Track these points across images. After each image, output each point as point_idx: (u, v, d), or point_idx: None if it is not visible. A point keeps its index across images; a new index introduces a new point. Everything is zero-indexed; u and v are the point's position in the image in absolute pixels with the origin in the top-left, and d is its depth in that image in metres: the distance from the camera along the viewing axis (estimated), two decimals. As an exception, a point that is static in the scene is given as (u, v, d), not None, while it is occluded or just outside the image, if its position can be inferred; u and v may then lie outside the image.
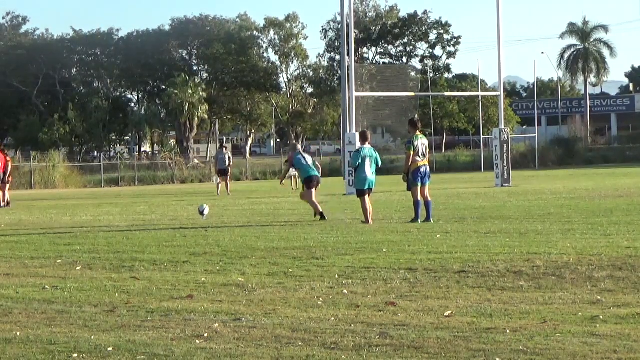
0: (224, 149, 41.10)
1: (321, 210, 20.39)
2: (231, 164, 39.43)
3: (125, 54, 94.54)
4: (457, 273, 10.74)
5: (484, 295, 9.17)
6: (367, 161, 19.16)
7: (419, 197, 18.86)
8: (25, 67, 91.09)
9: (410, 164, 18.83)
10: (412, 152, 18.78)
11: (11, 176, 33.52)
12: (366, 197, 19.07)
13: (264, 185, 54.28)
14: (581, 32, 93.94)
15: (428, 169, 19.15)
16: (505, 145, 38.56)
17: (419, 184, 18.87)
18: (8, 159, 33.35)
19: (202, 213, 21.91)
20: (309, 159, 21.40)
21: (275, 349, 6.96)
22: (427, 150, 19.18)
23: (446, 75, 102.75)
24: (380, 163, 19.69)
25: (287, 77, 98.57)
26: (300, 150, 22.24)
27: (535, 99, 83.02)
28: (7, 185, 32.31)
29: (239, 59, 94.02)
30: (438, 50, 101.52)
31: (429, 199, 19.05)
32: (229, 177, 39.11)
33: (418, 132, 19.16)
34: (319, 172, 21.21)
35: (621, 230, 15.28)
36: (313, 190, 20.85)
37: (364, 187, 19.15)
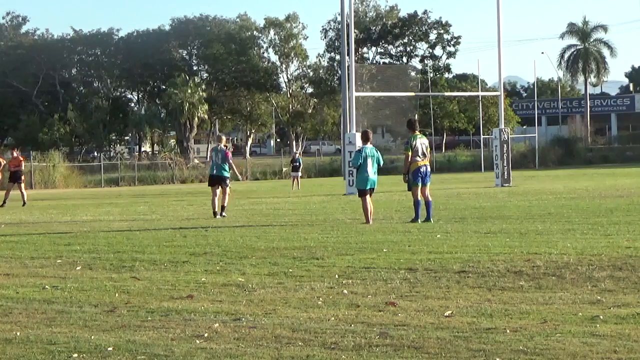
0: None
1: (215, 211, 22.42)
2: None
3: (125, 54, 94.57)
4: (457, 273, 10.74)
5: (484, 295, 9.17)
6: (369, 161, 19.15)
7: (419, 197, 18.87)
8: (25, 67, 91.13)
9: (410, 164, 18.85)
10: (410, 153, 18.78)
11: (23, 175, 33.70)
12: (367, 197, 19.09)
13: (264, 185, 54.28)
14: (581, 32, 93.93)
15: (429, 169, 19.14)
16: (505, 145, 38.56)
17: (420, 184, 18.88)
18: (21, 158, 33.71)
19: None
20: (220, 157, 22.90)
21: (275, 349, 6.96)
22: (428, 149, 19.16)
23: (446, 75, 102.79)
24: (382, 163, 19.71)
25: (287, 77, 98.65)
26: (220, 146, 23.22)
27: (535, 99, 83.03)
28: (22, 184, 32.62)
29: (239, 59, 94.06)
30: (438, 50, 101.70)
31: (430, 198, 19.05)
32: None
33: (417, 132, 19.19)
34: (224, 172, 22.89)
35: (621, 230, 15.27)
36: (214, 188, 22.82)
37: (366, 187, 19.15)
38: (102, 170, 65.60)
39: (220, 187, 22.78)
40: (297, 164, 46.20)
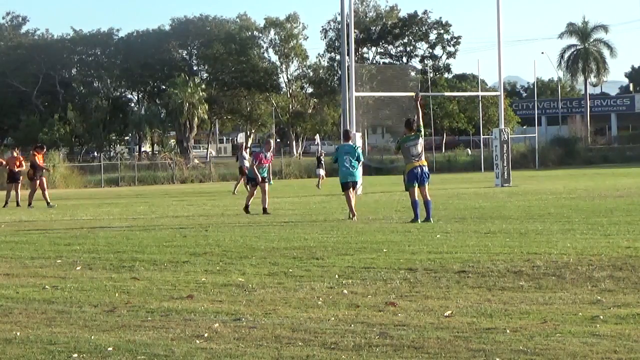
0: (246, 150, 42.00)
1: (248, 204, 23.46)
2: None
3: (125, 54, 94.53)
4: (457, 273, 10.74)
5: (484, 295, 9.17)
6: (346, 157, 20.44)
7: (417, 197, 18.87)
8: (25, 67, 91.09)
9: (405, 165, 19.23)
10: (397, 151, 19.86)
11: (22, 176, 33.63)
12: (350, 191, 20.25)
13: (264, 185, 54.18)
14: (581, 32, 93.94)
15: (425, 169, 19.12)
16: (505, 145, 38.56)
17: (415, 185, 18.90)
18: (21, 158, 33.87)
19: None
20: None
21: (275, 349, 6.96)
22: (422, 150, 19.10)
23: (446, 75, 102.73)
24: (362, 158, 20.93)
25: (287, 77, 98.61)
26: (265, 151, 24.70)
27: (535, 99, 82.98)
28: (19, 185, 32.63)
29: (239, 59, 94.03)
30: (438, 50, 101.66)
31: (429, 198, 19.04)
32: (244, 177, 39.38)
33: (412, 133, 19.24)
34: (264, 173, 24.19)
35: (621, 230, 15.27)
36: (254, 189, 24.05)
37: (344, 180, 20.42)
38: (102, 170, 65.53)
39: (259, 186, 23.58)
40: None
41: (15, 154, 33.91)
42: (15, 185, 32.45)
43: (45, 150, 33.93)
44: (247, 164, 38.85)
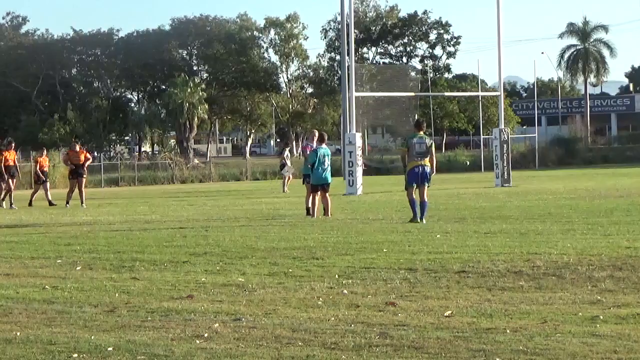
0: (286, 147, 42.21)
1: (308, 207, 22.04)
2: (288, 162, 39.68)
3: (125, 54, 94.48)
4: (457, 273, 10.74)
5: (484, 295, 9.17)
6: (326, 160, 21.13)
7: (414, 196, 18.80)
8: (25, 67, 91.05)
9: (407, 162, 19.10)
10: (405, 150, 19.30)
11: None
12: (319, 192, 20.99)
13: (264, 185, 54.25)
14: (581, 32, 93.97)
15: (427, 170, 18.98)
16: (505, 145, 38.56)
17: (414, 185, 18.82)
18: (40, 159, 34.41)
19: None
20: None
21: (275, 349, 6.96)
22: (427, 150, 19.02)
23: (446, 75, 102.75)
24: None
25: (287, 77, 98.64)
26: (310, 142, 23.74)
27: (535, 99, 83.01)
28: (48, 184, 33.07)
29: (239, 59, 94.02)
30: (438, 50, 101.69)
31: (426, 200, 18.90)
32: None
33: (421, 132, 19.23)
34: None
35: (621, 230, 15.28)
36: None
37: (320, 182, 21.05)
38: (102, 170, 65.52)
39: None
40: None
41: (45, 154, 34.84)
42: (43, 185, 32.95)
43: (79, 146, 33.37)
44: (288, 162, 38.85)
